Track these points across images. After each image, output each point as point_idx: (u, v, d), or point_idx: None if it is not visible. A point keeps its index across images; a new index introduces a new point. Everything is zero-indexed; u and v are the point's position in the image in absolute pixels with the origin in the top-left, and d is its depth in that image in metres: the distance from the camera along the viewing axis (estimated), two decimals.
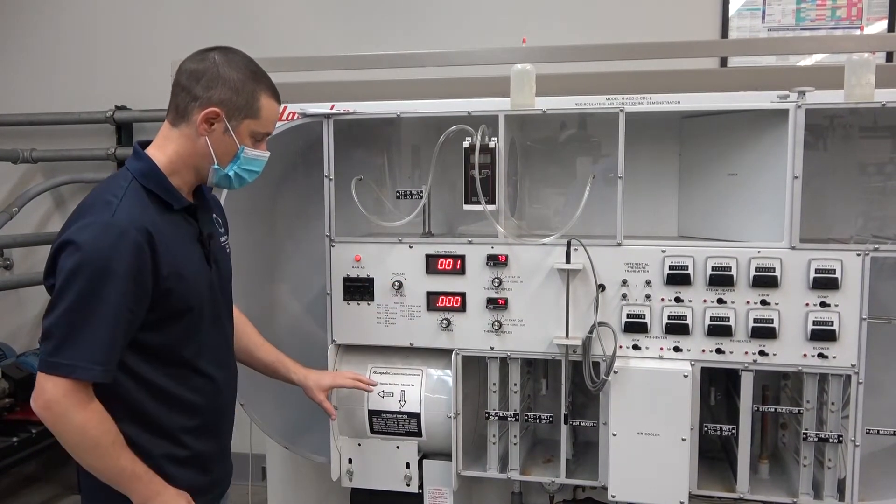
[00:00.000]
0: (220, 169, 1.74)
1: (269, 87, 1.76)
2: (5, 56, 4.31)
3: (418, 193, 2.38)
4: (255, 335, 2.15)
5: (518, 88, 2.20)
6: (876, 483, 2.19)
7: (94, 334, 1.55)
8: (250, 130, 1.74)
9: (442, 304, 2.28)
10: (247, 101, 1.71)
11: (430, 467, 2.37)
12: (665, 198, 2.49)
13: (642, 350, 2.18)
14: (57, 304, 1.57)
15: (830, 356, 2.07)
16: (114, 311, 1.56)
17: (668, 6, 3.52)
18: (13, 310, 4.42)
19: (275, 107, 1.78)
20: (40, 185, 4.11)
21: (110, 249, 1.56)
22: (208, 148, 1.71)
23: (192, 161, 1.73)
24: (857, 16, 3.44)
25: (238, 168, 1.76)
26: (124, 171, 1.72)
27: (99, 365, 1.56)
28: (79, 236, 1.57)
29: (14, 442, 3.54)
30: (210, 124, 1.69)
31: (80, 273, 1.55)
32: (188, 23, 4.00)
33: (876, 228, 2.37)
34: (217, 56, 1.71)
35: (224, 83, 1.69)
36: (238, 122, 1.71)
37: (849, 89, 2.05)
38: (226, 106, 1.69)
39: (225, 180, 1.77)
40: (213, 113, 1.68)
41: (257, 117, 1.73)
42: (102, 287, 1.55)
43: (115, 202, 1.62)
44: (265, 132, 1.78)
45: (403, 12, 3.80)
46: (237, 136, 1.72)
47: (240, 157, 1.75)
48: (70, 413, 1.56)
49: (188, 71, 1.70)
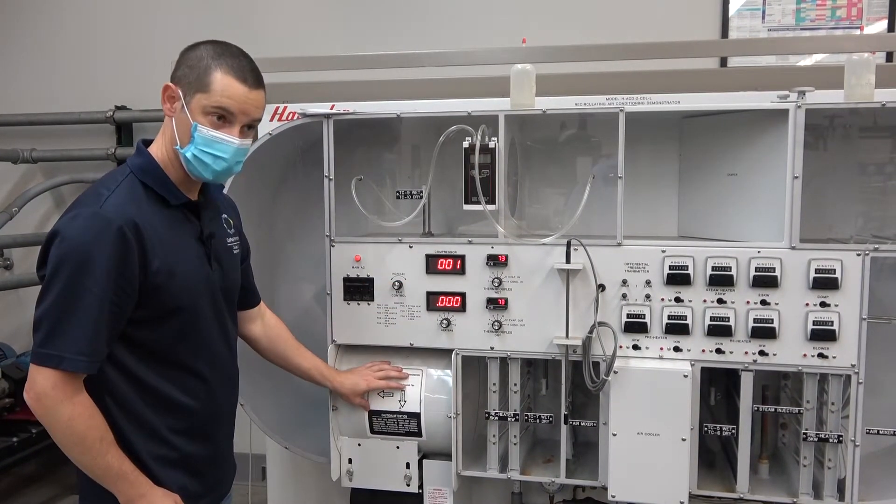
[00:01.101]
0: (180, 149, 1.67)
1: (230, 65, 1.66)
2: (5, 56, 4.31)
3: (418, 193, 2.38)
4: (292, 340, 2.20)
5: (518, 88, 2.20)
6: (876, 483, 2.19)
7: (79, 325, 1.56)
8: (201, 105, 1.65)
9: (442, 304, 2.28)
10: (198, 76, 1.65)
11: (430, 467, 2.37)
12: (665, 198, 2.49)
13: (642, 350, 2.18)
14: (45, 296, 1.58)
15: (830, 356, 2.07)
16: (98, 303, 1.56)
17: (668, 6, 3.52)
18: (13, 310, 4.42)
19: (230, 82, 1.65)
20: (40, 185, 4.12)
21: (93, 240, 1.56)
22: (172, 128, 1.69)
23: (171, 147, 1.71)
24: (857, 16, 3.44)
25: (196, 149, 1.66)
26: (123, 166, 1.73)
27: (84, 356, 1.56)
28: (65, 227, 1.58)
29: (14, 442, 3.55)
30: (171, 102, 1.68)
31: (64, 264, 1.55)
32: (188, 23, 4.00)
33: (876, 228, 2.37)
34: (200, 43, 1.70)
35: (186, 61, 1.68)
36: (191, 98, 1.65)
37: (849, 89, 2.05)
38: (180, 81, 1.67)
39: (189, 165, 1.69)
40: (168, 88, 1.67)
41: (206, 91, 1.64)
42: (85, 278, 1.55)
43: (105, 194, 1.63)
44: (217, 106, 1.65)
45: (403, 12, 3.80)
46: (191, 113, 1.65)
47: (195, 136, 1.66)
48: (58, 406, 1.57)
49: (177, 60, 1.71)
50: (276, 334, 2.17)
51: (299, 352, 2.21)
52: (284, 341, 2.18)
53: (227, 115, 1.67)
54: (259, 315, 2.14)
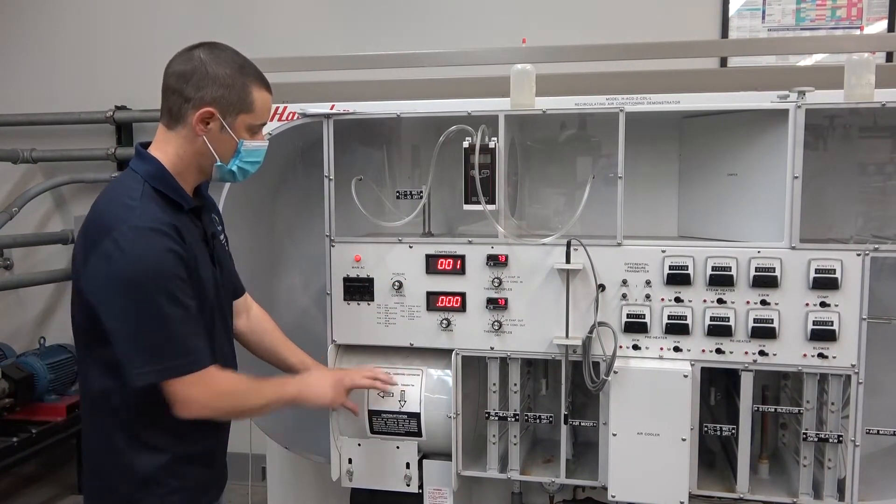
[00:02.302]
0: (223, 165, 1.76)
1: (258, 79, 1.75)
2: (5, 56, 4.31)
3: (418, 193, 2.38)
4: (279, 333, 2.18)
5: (518, 88, 2.20)
6: (876, 483, 2.19)
7: (177, 331, 1.62)
8: (246, 124, 1.74)
9: (442, 304, 2.28)
10: (239, 97, 1.71)
11: (430, 467, 2.36)
12: (665, 198, 2.49)
13: (642, 350, 2.18)
14: (127, 317, 1.59)
15: (830, 356, 2.07)
16: (181, 310, 1.62)
17: (668, 6, 3.52)
18: (13, 310, 4.43)
19: (266, 97, 1.77)
20: (40, 185, 4.12)
21: (149, 255, 1.59)
22: (208, 147, 1.72)
23: (195, 161, 1.74)
24: (857, 16, 3.44)
25: (240, 162, 1.77)
26: (131, 174, 1.72)
27: (199, 351, 1.66)
28: (114, 249, 1.58)
29: (14, 442, 3.54)
30: (206, 124, 1.70)
31: (134, 282, 1.58)
32: (188, 23, 4.00)
33: (876, 228, 2.37)
34: (202, 54, 1.70)
35: (214, 81, 1.68)
36: (233, 118, 1.72)
37: (849, 89, 2.05)
38: (219, 104, 1.69)
39: (229, 175, 1.79)
40: (207, 113, 1.69)
41: (251, 111, 1.74)
42: (161, 290, 1.59)
43: (135, 205, 1.63)
44: (261, 123, 1.79)
45: (403, 12, 3.80)
46: (234, 132, 1.73)
47: (240, 151, 1.76)
48: (213, 401, 1.69)
49: (176, 73, 1.70)
50: (263, 328, 2.15)
51: (286, 346, 2.17)
52: (271, 335, 2.15)
53: (263, 125, 1.81)
54: (245, 308, 2.12)
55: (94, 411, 1.73)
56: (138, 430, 1.68)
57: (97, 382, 1.69)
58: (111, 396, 1.67)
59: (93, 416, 1.74)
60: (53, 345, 4.07)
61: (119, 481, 1.70)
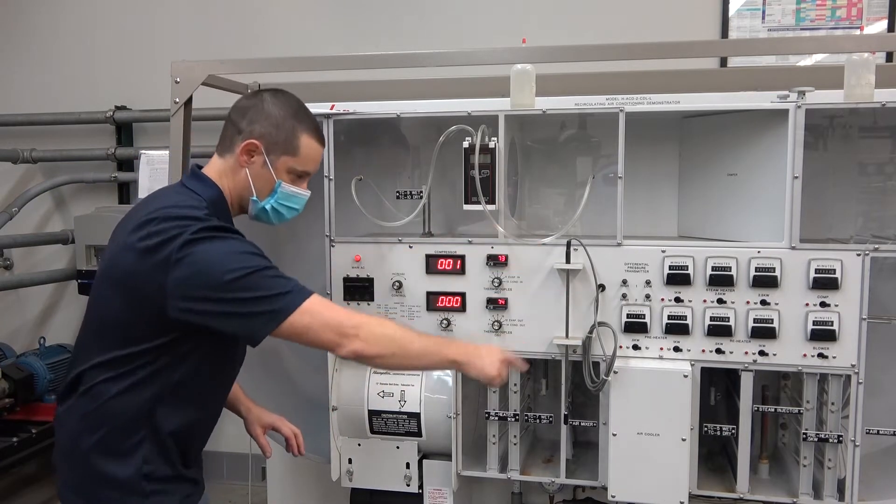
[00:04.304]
0: (258, 201, 1.79)
1: (311, 128, 1.79)
2: (5, 56, 4.30)
3: (418, 193, 2.38)
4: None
5: (518, 88, 2.20)
6: (876, 483, 2.19)
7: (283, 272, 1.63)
8: (288, 167, 1.77)
9: (442, 304, 2.28)
10: (286, 138, 1.75)
11: (430, 467, 2.37)
12: (665, 198, 2.49)
13: (642, 350, 2.18)
14: (233, 285, 1.56)
15: (830, 356, 2.07)
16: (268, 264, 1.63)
17: (668, 6, 3.52)
18: (13, 310, 4.42)
19: (316, 147, 1.81)
20: (40, 185, 4.11)
21: (231, 242, 1.61)
22: (248, 180, 1.76)
23: (236, 192, 1.78)
24: (857, 16, 3.44)
25: (275, 202, 1.80)
26: (190, 193, 1.71)
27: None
28: (188, 229, 1.57)
29: (14, 442, 3.54)
30: (250, 156, 1.74)
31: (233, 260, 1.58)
32: (188, 23, 3.99)
33: (876, 228, 2.37)
34: (267, 95, 1.79)
35: (266, 118, 1.74)
36: (276, 157, 1.76)
37: (849, 89, 2.05)
38: (265, 140, 1.74)
39: (263, 213, 1.82)
40: (252, 145, 1.73)
41: (296, 154, 1.77)
42: (244, 244, 1.62)
43: (203, 216, 1.63)
44: (304, 170, 1.81)
45: (403, 12, 3.80)
46: (274, 171, 1.76)
47: (277, 191, 1.78)
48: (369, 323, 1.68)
49: (239, 107, 1.79)
50: None
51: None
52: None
53: (307, 174, 1.83)
54: None
55: (98, 415, 1.67)
56: (164, 431, 1.66)
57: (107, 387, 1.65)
58: (116, 401, 1.64)
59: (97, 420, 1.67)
60: (53, 345, 4.06)
61: (110, 487, 1.66)
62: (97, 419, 1.64)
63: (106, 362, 1.64)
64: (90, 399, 1.65)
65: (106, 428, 1.63)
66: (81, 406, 1.66)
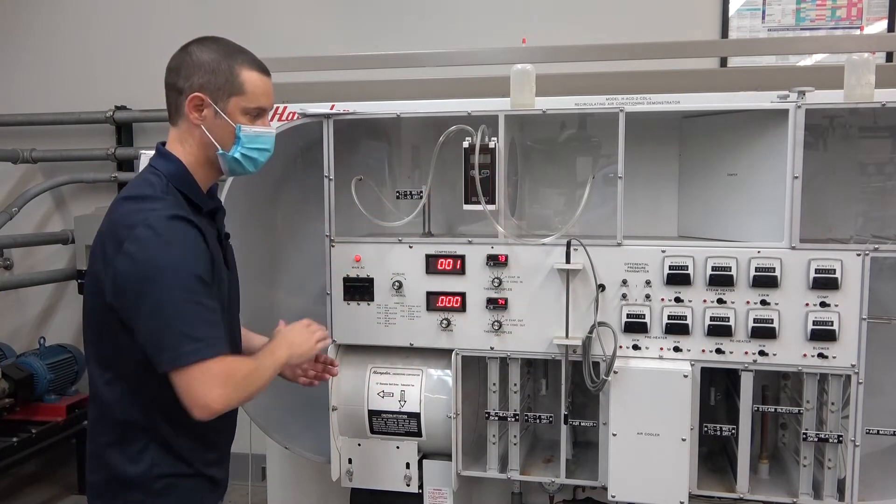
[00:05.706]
0: (225, 153, 1.73)
1: (249, 61, 1.72)
2: (5, 56, 4.31)
3: (418, 193, 2.38)
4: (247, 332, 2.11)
5: (518, 88, 2.20)
6: (876, 483, 2.19)
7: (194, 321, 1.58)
8: (240, 107, 1.70)
9: (442, 304, 2.28)
10: (227, 80, 1.68)
11: (430, 467, 2.37)
12: (665, 198, 2.49)
13: (642, 350, 2.18)
14: (160, 306, 1.55)
15: (830, 356, 2.07)
16: (211, 303, 1.60)
17: (668, 6, 3.52)
18: (13, 310, 4.42)
19: (258, 78, 1.73)
20: (40, 185, 4.12)
21: (173, 248, 1.57)
22: (207, 135, 1.70)
23: (202, 154, 1.72)
24: (857, 16, 3.44)
25: (243, 148, 1.73)
26: (153, 171, 1.71)
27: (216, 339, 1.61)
28: (148, 234, 1.56)
29: (14, 442, 3.54)
30: (199, 111, 1.69)
31: (163, 272, 1.55)
32: (188, 23, 3.99)
33: (876, 228, 2.37)
34: (193, 46, 1.71)
35: (200, 67, 1.68)
36: (225, 102, 1.69)
37: (849, 89, 2.05)
38: (207, 89, 1.68)
39: (235, 164, 1.75)
40: (197, 98, 1.68)
41: (242, 93, 1.70)
42: (188, 279, 1.57)
43: (158, 197, 1.63)
44: (257, 106, 1.73)
45: (404, 12, 3.80)
46: (229, 116, 1.70)
47: (239, 136, 1.71)
48: (219, 389, 1.59)
49: (171, 68, 1.72)
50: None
51: (256, 337, 2.07)
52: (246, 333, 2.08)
53: (262, 110, 1.75)
54: None
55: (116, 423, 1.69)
56: (163, 430, 1.66)
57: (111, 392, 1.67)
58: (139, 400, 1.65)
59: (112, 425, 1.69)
60: (53, 345, 4.07)
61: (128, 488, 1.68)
62: (105, 420, 1.67)
63: (99, 363, 1.67)
64: (96, 402, 1.69)
65: (115, 429, 1.66)
66: (92, 410, 1.70)
